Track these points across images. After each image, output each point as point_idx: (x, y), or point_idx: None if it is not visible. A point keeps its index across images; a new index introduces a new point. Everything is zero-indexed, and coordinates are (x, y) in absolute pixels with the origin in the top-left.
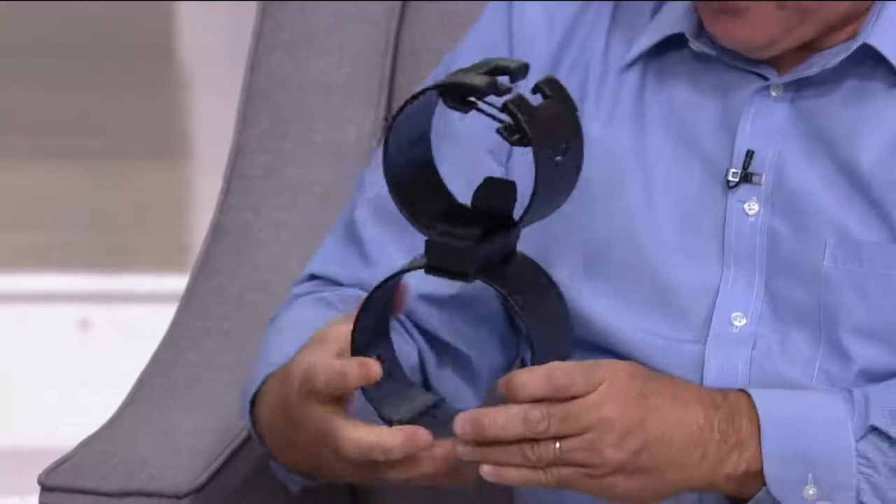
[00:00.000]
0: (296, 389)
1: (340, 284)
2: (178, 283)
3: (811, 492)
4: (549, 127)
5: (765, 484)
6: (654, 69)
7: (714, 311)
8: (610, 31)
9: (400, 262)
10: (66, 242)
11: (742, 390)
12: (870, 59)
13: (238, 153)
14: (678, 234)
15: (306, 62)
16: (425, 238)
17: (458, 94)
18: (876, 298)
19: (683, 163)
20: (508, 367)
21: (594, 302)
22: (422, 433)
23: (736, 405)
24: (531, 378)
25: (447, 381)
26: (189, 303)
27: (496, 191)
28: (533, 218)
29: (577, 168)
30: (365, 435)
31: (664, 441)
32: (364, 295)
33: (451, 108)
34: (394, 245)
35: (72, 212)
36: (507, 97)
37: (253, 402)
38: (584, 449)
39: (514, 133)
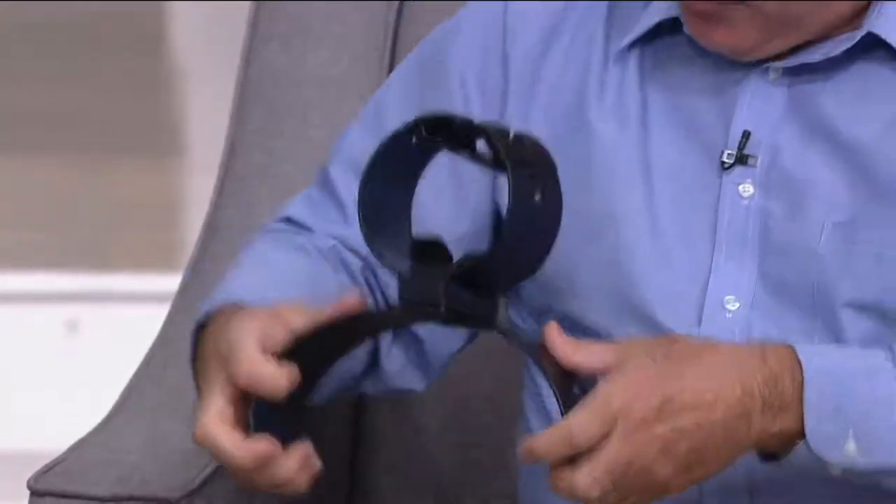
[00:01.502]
0: (217, 350)
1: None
2: (169, 282)
3: (851, 447)
4: (525, 157)
5: (804, 437)
6: (651, 55)
7: (706, 296)
8: (607, 24)
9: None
10: (54, 240)
11: (784, 345)
12: (874, 47)
13: (232, 151)
14: (673, 218)
15: (301, 56)
16: (397, 274)
17: (435, 129)
18: (872, 277)
19: (681, 147)
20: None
21: (593, 277)
22: (266, 447)
23: (778, 367)
24: (551, 444)
25: (395, 361)
26: (181, 304)
27: (475, 254)
28: (501, 267)
29: (555, 226)
30: (225, 441)
31: (705, 430)
32: (337, 248)
33: (426, 140)
34: None
35: (60, 209)
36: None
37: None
38: (634, 486)
39: (489, 158)
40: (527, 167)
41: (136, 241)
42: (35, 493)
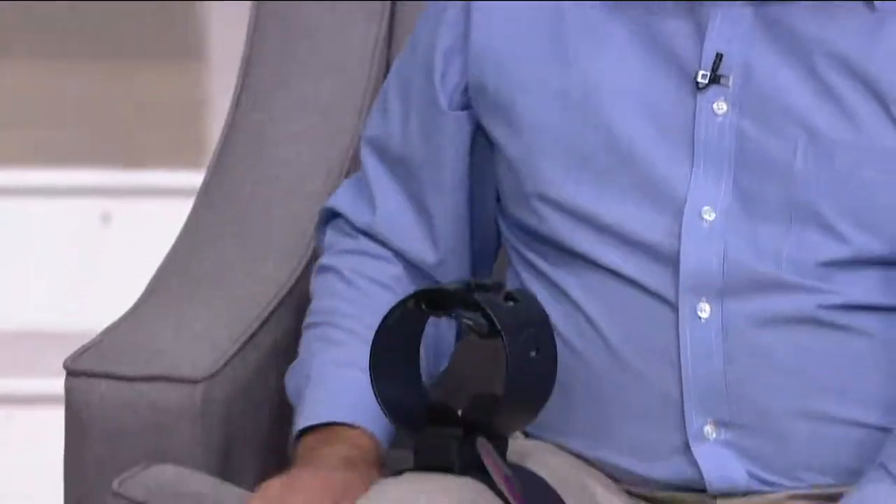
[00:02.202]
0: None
1: (354, 226)
2: (195, 178)
3: None
4: (519, 321)
5: None
6: None
7: (685, 205)
8: None
9: (394, 205)
10: (87, 139)
11: None
12: None
13: (248, 65)
14: (653, 135)
15: None
16: (414, 441)
17: (433, 301)
18: (844, 194)
19: (656, 69)
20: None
21: (582, 195)
22: None
23: None
24: None
25: None
26: (204, 200)
27: (482, 402)
28: (507, 420)
29: (552, 372)
30: None
31: None
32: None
33: (428, 313)
34: (392, 187)
35: (91, 110)
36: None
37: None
38: None
39: (485, 328)
40: (522, 330)
41: (164, 140)
42: (71, 373)
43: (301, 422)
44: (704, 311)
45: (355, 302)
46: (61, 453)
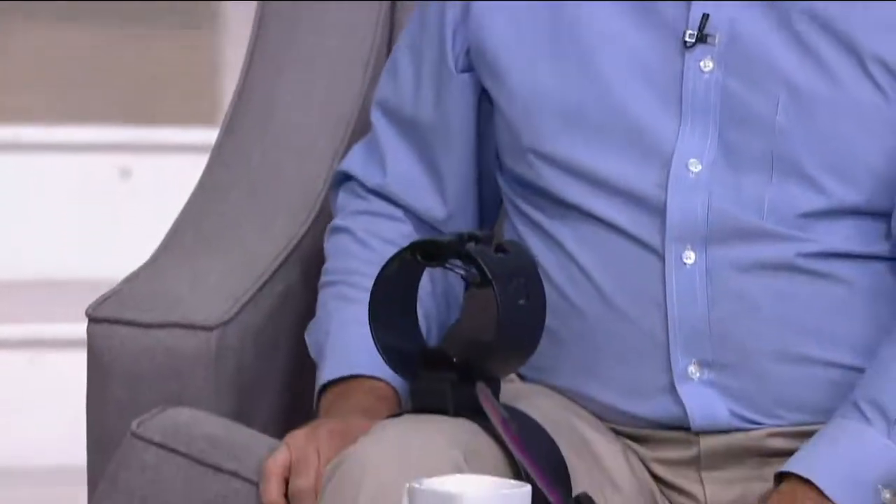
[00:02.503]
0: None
1: (365, 187)
2: (211, 135)
3: (888, 496)
4: (508, 270)
5: None
6: None
7: (673, 157)
8: None
9: (405, 164)
10: (106, 98)
11: (789, 475)
12: None
13: (259, 27)
14: (643, 92)
15: None
16: (411, 385)
17: (427, 252)
18: (823, 147)
19: (646, 29)
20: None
21: (575, 149)
22: None
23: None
24: None
25: None
26: (217, 158)
27: (475, 348)
28: (499, 365)
29: (541, 319)
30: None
31: None
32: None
33: (423, 264)
34: (403, 148)
35: (112, 72)
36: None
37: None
38: None
39: (477, 277)
40: (511, 279)
41: (180, 100)
42: (93, 320)
43: (324, 376)
44: (689, 258)
45: (369, 262)
46: (82, 395)
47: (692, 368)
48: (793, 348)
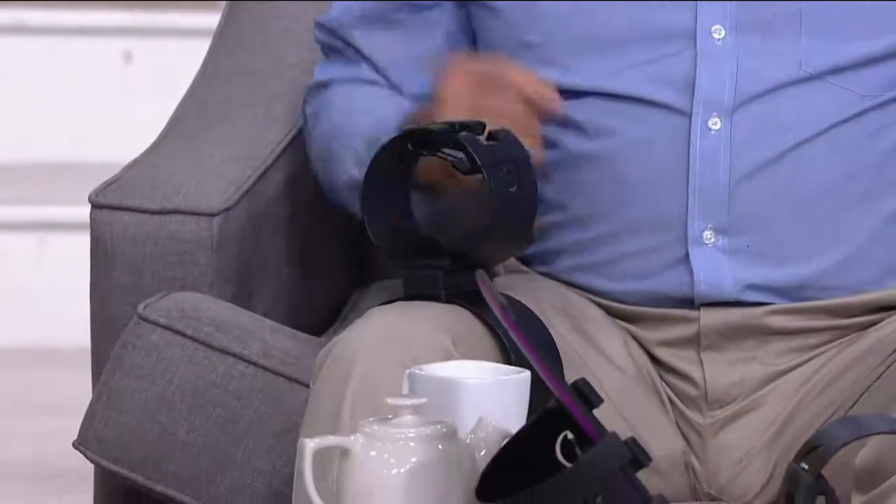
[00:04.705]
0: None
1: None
2: (213, 20)
3: None
4: (498, 157)
5: None
6: None
7: (696, 26)
8: None
9: (388, 49)
10: None
11: None
12: None
13: None
14: None
15: None
16: (404, 272)
17: (419, 140)
18: (845, 4)
19: None
20: None
21: (601, 75)
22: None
23: None
24: None
25: None
26: (219, 44)
27: (467, 235)
28: (490, 251)
29: (532, 207)
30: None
31: None
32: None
33: (414, 152)
34: (381, 37)
35: None
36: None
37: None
38: None
39: (467, 164)
40: (502, 165)
41: None
42: (95, 206)
43: (405, 125)
44: (716, 124)
45: (364, 98)
46: (89, 275)
47: (707, 234)
48: (809, 208)
